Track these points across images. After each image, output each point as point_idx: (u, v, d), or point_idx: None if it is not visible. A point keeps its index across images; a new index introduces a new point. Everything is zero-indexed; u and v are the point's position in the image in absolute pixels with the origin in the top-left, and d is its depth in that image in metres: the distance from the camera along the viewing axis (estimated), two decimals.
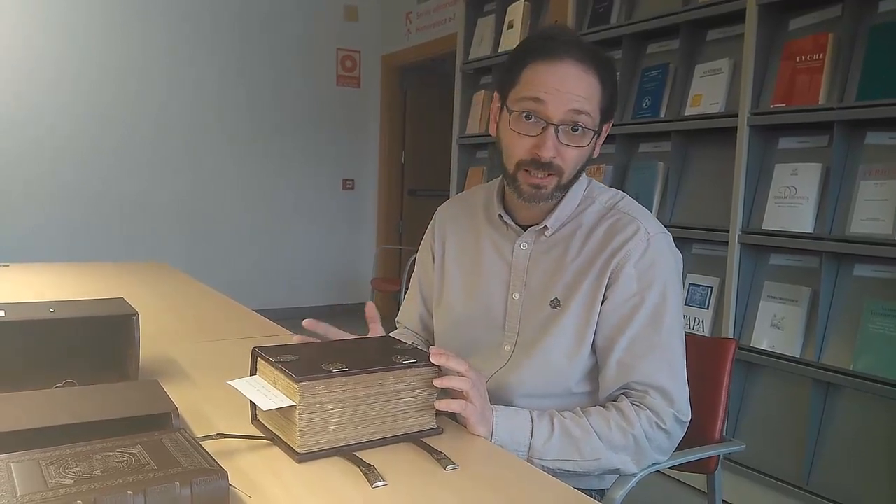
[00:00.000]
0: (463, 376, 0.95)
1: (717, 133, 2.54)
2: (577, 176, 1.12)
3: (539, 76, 1.05)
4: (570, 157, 1.07)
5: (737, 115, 2.38)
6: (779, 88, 2.31)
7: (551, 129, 1.05)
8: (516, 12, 3.51)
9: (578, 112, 1.05)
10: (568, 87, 1.04)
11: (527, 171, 1.08)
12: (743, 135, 2.36)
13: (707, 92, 2.56)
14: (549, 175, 1.08)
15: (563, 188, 1.11)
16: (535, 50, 1.07)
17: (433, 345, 1.33)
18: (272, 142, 5.25)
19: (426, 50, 5.09)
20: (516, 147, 1.09)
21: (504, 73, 1.13)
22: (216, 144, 5.05)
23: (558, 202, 1.15)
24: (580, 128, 1.06)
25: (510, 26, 3.53)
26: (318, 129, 5.42)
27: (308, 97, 5.35)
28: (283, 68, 5.22)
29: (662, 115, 2.73)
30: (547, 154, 1.05)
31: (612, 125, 1.17)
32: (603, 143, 1.16)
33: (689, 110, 2.61)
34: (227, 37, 5.00)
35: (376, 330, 1.20)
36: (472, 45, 3.86)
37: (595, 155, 1.14)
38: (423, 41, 5.11)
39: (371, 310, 1.21)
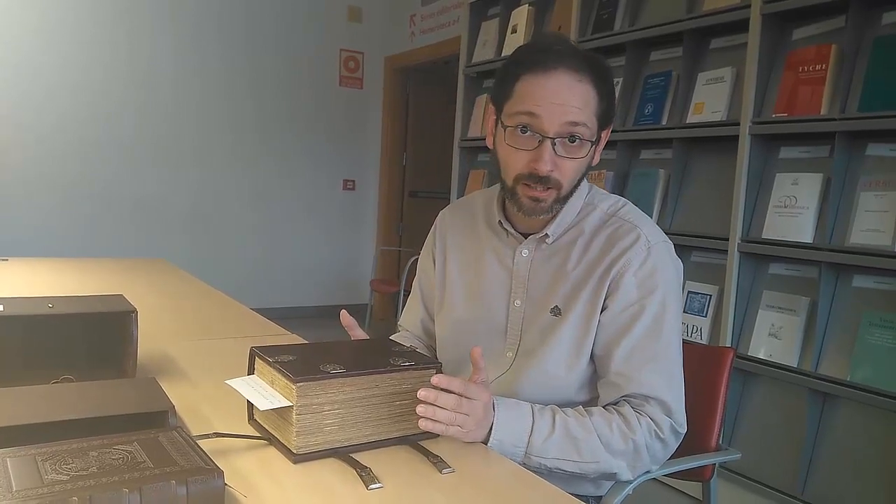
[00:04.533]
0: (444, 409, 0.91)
1: (719, 141, 2.54)
2: (576, 186, 1.12)
3: (532, 89, 1.04)
4: (569, 168, 1.06)
5: (738, 124, 2.38)
6: (781, 98, 2.31)
7: (548, 143, 1.03)
8: (520, 17, 3.51)
9: (574, 124, 1.03)
10: (562, 99, 1.02)
11: (526, 184, 1.07)
12: (744, 143, 2.36)
13: (709, 100, 2.57)
14: (548, 189, 1.07)
15: (563, 200, 1.10)
16: (528, 62, 1.05)
17: (435, 349, 1.33)
18: (274, 141, 5.25)
19: (429, 52, 5.09)
20: (514, 161, 1.07)
21: (498, 85, 1.11)
22: (218, 143, 5.05)
23: (559, 210, 1.15)
24: (578, 139, 1.05)
25: (514, 30, 3.54)
26: (320, 129, 5.43)
27: (311, 97, 5.35)
28: (286, 68, 5.22)
29: (664, 122, 2.74)
30: (544, 168, 1.04)
31: (614, 131, 1.17)
32: (604, 149, 1.16)
33: (691, 118, 2.61)
34: (232, 36, 5.00)
35: (359, 336, 1.19)
36: (475, 49, 3.87)
37: (595, 163, 1.14)
38: (426, 43, 5.11)
39: (346, 318, 1.18)
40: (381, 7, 5.58)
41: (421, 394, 0.89)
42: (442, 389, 0.91)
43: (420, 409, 0.89)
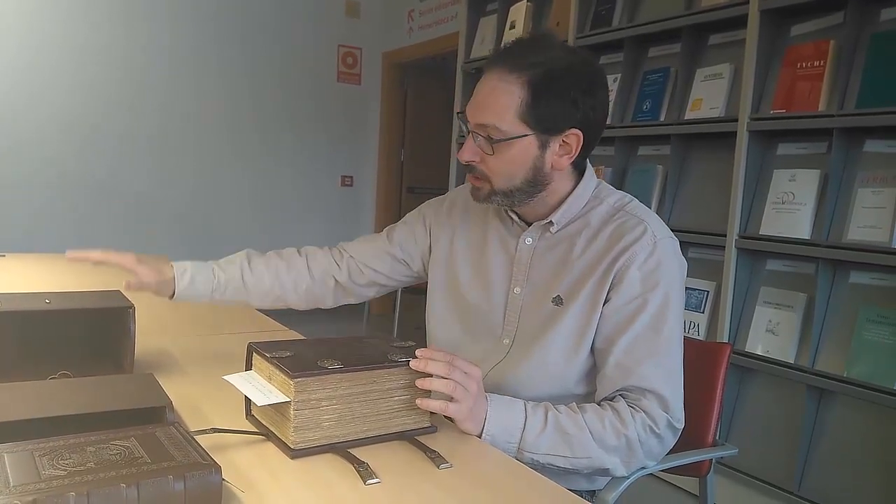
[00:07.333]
0: (446, 378, 0.94)
1: (717, 137, 2.54)
2: (532, 184, 1.10)
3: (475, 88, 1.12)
4: (493, 164, 1.09)
5: (736, 120, 2.38)
6: (779, 94, 2.31)
7: (469, 135, 1.09)
8: (518, 12, 3.50)
9: (482, 126, 1.07)
10: (481, 99, 1.08)
11: (468, 172, 1.14)
12: (742, 140, 2.36)
13: (707, 96, 2.57)
14: (480, 179, 1.12)
15: (506, 195, 1.11)
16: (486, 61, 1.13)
17: (364, 292, 1.38)
18: (272, 137, 5.24)
19: (428, 48, 5.08)
20: None
21: None
22: (216, 139, 5.04)
23: (563, 199, 1.15)
24: (493, 139, 1.07)
25: (512, 26, 3.53)
26: (317, 125, 5.41)
27: (308, 93, 5.34)
28: (283, 64, 5.21)
29: (662, 118, 2.74)
30: (462, 156, 1.10)
31: (611, 127, 1.17)
32: (601, 145, 1.15)
33: (689, 114, 2.61)
34: (229, 32, 4.98)
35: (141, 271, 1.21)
36: (473, 45, 3.87)
37: (557, 167, 1.10)
38: (424, 39, 5.10)
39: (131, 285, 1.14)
40: (378, 2, 5.57)
41: (413, 363, 0.92)
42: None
43: (418, 382, 0.93)
